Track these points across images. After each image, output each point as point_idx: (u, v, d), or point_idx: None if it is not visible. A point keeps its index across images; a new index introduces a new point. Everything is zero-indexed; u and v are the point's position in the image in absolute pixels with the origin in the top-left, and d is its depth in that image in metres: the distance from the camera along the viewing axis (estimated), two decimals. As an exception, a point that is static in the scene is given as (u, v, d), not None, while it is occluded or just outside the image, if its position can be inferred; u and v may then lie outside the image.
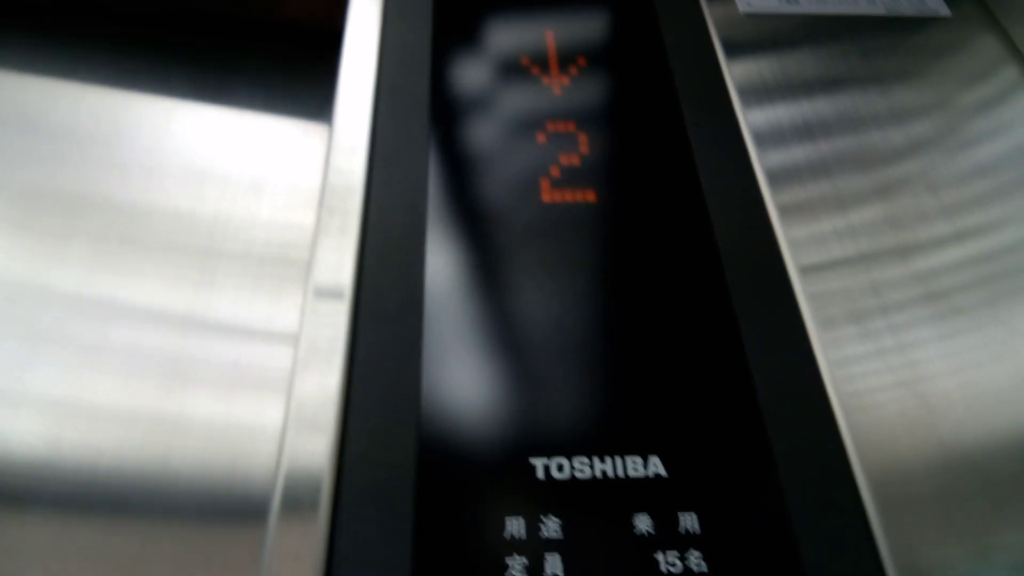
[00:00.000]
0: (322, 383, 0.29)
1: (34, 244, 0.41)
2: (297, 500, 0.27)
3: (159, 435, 0.35)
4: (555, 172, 0.36)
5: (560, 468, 0.28)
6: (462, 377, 0.30)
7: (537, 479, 0.27)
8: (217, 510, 0.34)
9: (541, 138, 0.38)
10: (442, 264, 0.33)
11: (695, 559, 0.26)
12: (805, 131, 0.41)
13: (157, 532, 0.33)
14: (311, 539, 0.26)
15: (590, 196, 0.35)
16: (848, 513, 0.27)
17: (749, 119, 0.39)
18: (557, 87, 0.40)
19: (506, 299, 0.32)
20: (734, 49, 0.41)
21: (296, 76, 0.49)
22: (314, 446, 0.28)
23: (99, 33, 0.50)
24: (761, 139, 0.39)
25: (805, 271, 0.35)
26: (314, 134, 0.46)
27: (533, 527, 0.26)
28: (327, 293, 0.32)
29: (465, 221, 0.35)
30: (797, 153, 0.40)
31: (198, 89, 0.48)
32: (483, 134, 0.38)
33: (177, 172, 0.44)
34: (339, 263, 0.32)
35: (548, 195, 0.35)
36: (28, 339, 0.38)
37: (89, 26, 0.50)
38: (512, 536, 0.26)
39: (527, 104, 0.39)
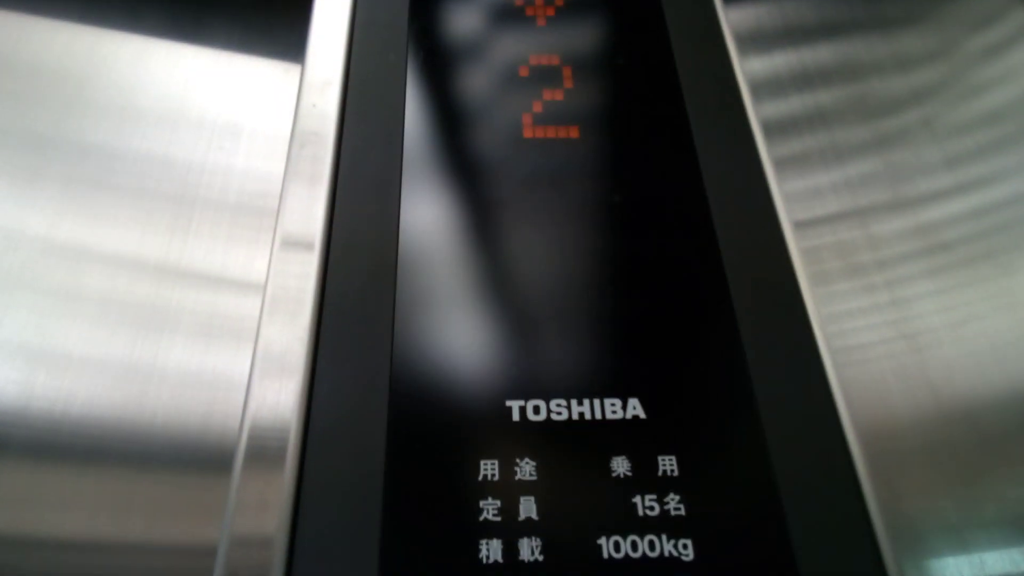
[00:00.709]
0: (290, 330, 0.28)
1: (3, 184, 0.40)
2: (263, 448, 0.26)
3: (133, 382, 0.35)
4: (537, 107, 0.35)
5: (536, 410, 0.27)
6: (437, 322, 0.29)
7: (513, 421, 0.27)
8: (191, 457, 0.33)
9: (523, 72, 0.36)
10: (418, 205, 0.32)
11: (673, 503, 0.25)
12: (804, 80, 0.39)
13: (131, 479, 0.32)
14: (278, 487, 0.25)
15: (573, 132, 0.34)
16: (834, 460, 0.27)
17: (745, 67, 0.37)
18: (541, 19, 0.38)
19: (484, 241, 0.31)
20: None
21: (276, 14, 0.47)
22: (281, 393, 0.27)
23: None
24: (757, 88, 0.37)
25: (799, 225, 0.33)
26: (294, 77, 0.44)
27: (508, 470, 0.26)
28: (296, 242, 0.31)
29: (443, 159, 0.33)
30: (794, 103, 0.38)
31: (174, 26, 0.46)
32: (463, 69, 0.36)
33: (151, 114, 0.43)
34: (309, 211, 0.31)
35: (530, 131, 0.34)
36: (-2, 282, 0.37)
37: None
38: (486, 478, 0.26)
39: (510, 37, 0.37)
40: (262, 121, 0.43)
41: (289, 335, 0.29)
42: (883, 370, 0.30)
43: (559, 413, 0.27)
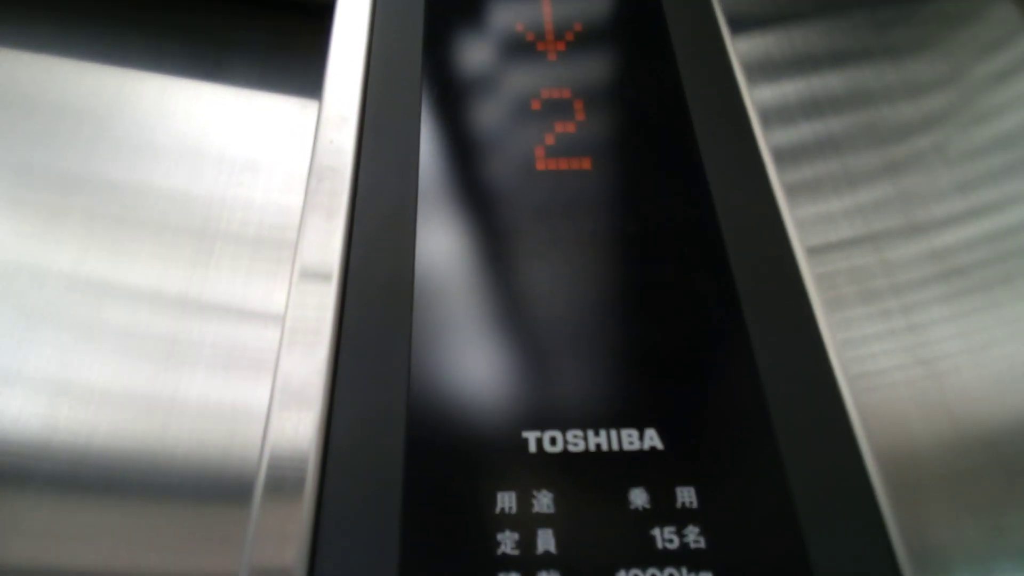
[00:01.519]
0: (308, 362, 0.29)
1: (28, 221, 0.41)
2: (281, 479, 0.26)
3: (154, 415, 0.35)
4: (550, 140, 0.35)
5: (553, 441, 0.27)
6: (453, 352, 0.29)
7: (530, 453, 0.27)
8: (212, 489, 0.34)
9: (536, 106, 0.37)
10: (433, 237, 0.32)
11: (693, 535, 0.25)
12: (813, 107, 0.40)
13: (152, 511, 0.33)
14: (296, 517, 0.26)
15: (585, 164, 0.34)
16: (854, 490, 0.26)
17: (754, 95, 0.37)
18: (552, 53, 0.39)
19: (499, 271, 0.31)
20: (739, 23, 0.40)
21: (294, 53, 0.48)
22: (300, 424, 0.27)
23: (96, 9, 0.49)
24: (767, 115, 0.37)
25: (812, 251, 0.33)
26: (312, 113, 0.45)
27: (525, 502, 0.26)
28: (314, 273, 0.31)
29: (457, 191, 0.34)
30: (805, 130, 0.39)
31: (194, 66, 0.47)
32: (476, 103, 0.37)
33: (172, 150, 0.44)
34: (326, 243, 0.31)
35: (543, 163, 0.34)
36: (23, 317, 0.37)
37: (86, 2, 0.49)
38: (503, 511, 0.25)
39: (521, 71, 0.38)
40: (280, 156, 0.44)
41: (307, 366, 0.29)
42: (901, 396, 0.30)
43: (576, 444, 0.27)
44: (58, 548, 0.32)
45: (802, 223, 0.34)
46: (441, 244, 0.32)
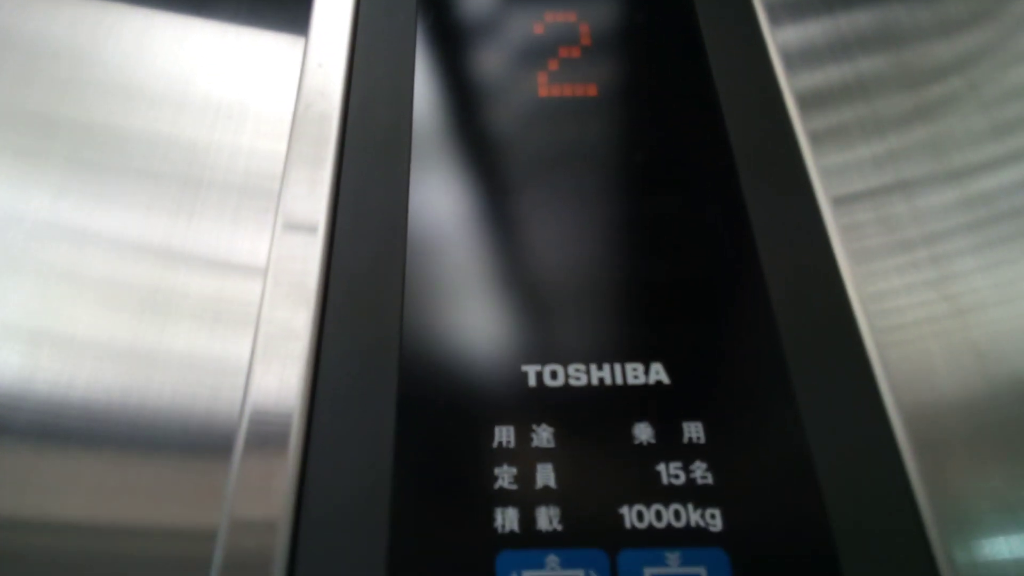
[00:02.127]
0: (294, 312, 0.27)
1: (3, 164, 0.39)
2: (265, 432, 0.25)
3: (136, 366, 0.34)
4: (554, 66, 0.34)
5: (554, 375, 0.26)
6: (450, 290, 0.28)
7: (529, 387, 0.26)
8: (196, 442, 0.33)
9: (539, 29, 0.35)
10: (429, 169, 0.31)
11: (700, 471, 0.24)
12: (840, 47, 0.37)
13: (133, 463, 0.32)
14: (281, 470, 0.24)
15: (591, 91, 0.33)
16: (873, 433, 0.25)
17: (777, 34, 0.35)
18: None
19: (499, 204, 0.30)
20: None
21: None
22: (284, 376, 0.26)
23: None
24: (790, 56, 0.35)
25: (838, 201, 0.32)
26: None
27: (524, 436, 0.25)
28: (298, 225, 0.29)
29: (455, 120, 0.32)
30: (831, 72, 0.36)
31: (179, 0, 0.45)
32: (476, 29, 0.35)
33: (155, 91, 0.42)
34: (314, 181, 0.30)
35: (546, 90, 0.33)
36: (-1, 262, 0.36)
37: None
38: (501, 445, 0.24)
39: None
40: (269, 98, 0.42)
41: (292, 315, 0.28)
42: (929, 348, 0.29)
43: (578, 378, 0.26)
44: (37, 498, 0.31)
45: (827, 170, 0.32)
46: (437, 177, 0.30)
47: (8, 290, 0.35)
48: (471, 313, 0.27)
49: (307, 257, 0.30)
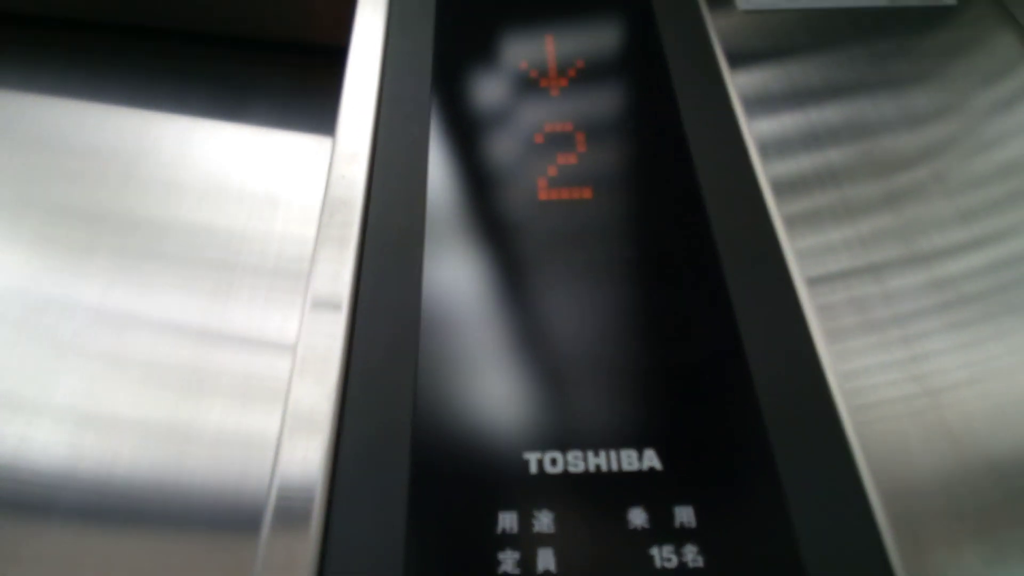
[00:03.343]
0: (318, 390, 0.30)
1: (59, 257, 0.42)
2: (290, 507, 0.27)
3: (174, 444, 0.36)
4: (552, 171, 0.36)
5: (554, 462, 0.28)
6: (458, 377, 0.30)
7: (531, 474, 0.27)
8: (228, 519, 0.34)
9: (539, 139, 0.38)
10: (440, 266, 0.33)
11: (691, 554, 0.25)
12: (812, 139, 0.40)
13: (170, 540, 0.33)
14: (303, 546, 0.26)
15: (586, 194, 0.35)
16: (854, 513, 0.26)
17: (753, 127, 0.38)
18: (555, 89, 0.40)
19: (502, 298, 0.32)
20: (737, 57, 0.41)
21: (312, 95, 0.50)
22: (308, 451, 0.28)
23: (124, 56, 0.52)
24: (765, 148, 0.38)
25: (812, 282, 0.34)
26: (328, 149, 0.47)
27: (526, 522, 0.26)
28: (325, 303, 0.32)
29: (463, 222, 0.35)
30: (803, 162, 0.39)
31: (217, 108, 0.49)
32: (482, 137, 0.38)
33: (195, 187, 0.45)
34: (337, 273, 0.33)
35: (545, 194, 0.36)
36: (52, 349, 0.39)
37: (115, 49, 0.52)
38: (504, 531, 0.26)
39: (525, 107, 0.39)
40: (298, 190, 0.46)
41: (316, 394, 0.29)
42: (903, 426, 0.30)
43: (576, 465, 0.27)
44: None
45: (802, 253, 0.35)
46: (447, 273, 0.33)
47: (60, 375, 0.38)
48: (477, 398, 0.29)
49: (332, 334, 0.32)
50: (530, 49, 0.42)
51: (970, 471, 0.29)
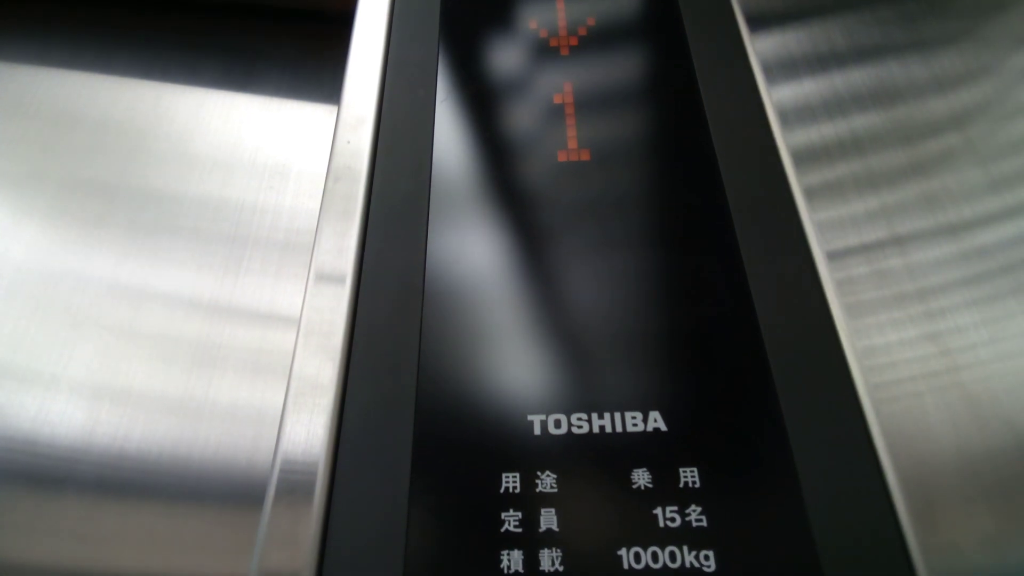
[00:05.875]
0: (321, 362, 0.29)
1: (73, 228, 0.42)
2: (294, 480, 0.27)
3: (186, 417, 0.36)
4: (561, 136, 0.36)
5: (558, 424, 0.27)
6: (462, 344, 0.30)
7: (534, 435, 0.27)
8: (239, 492, 0.34)
9: (547, 102, 0.37)
10: (443, 232, 0.33)
11: (695, 514, 0.25)
12: (836, 105, 0.39)
13: (182, 513, 0.34)
14: (307, 518, 0.26)
15: (594, 155, 0.35)
16: (864, 479, 0.26)
17: (773, 94, 0.37)
18: (565, 49, 0.39)
19: (506, 264, 0.32)
20: (758, 20, 0.39)
21: (323, 63, 0.49)
22: (312, 424, 0.28)
23: (135, 28, 0.51)
24: (786, 115, 0.37)
25: (832, 256, 0.33)
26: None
27: (529, 482, 0.26)
28: (328, 274, 0.32)
29: (468, 187, 0.34)
30: (826, 130, 0.37)
31: (228, 79, 0.49)
32: (489, 102, 0.38)
33: (206, 159, 0.45)
34: (341, 244, 0.32)
35: (553, 159, 0.35)
36: (66, 322, 0.39)
37: (127, 21, 0.52)
38: (507, 491, 0.26)
39: (534, 69, 0.38)
40: (309, 161, 0.45)
41: (320, 365, 0.29)
42: (923, 400, 0.29)
43: (580, 427, 0.27)
44: (93, 549, 0.33)
45: (822, 225, 0.33)
46: (451, 240, 0.33)
47: (73, 349, 0.38)
48: (481, 364, 0.29)
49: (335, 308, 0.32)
50: (539, 9, 0.41)
51: (992, 449, 0.28)
